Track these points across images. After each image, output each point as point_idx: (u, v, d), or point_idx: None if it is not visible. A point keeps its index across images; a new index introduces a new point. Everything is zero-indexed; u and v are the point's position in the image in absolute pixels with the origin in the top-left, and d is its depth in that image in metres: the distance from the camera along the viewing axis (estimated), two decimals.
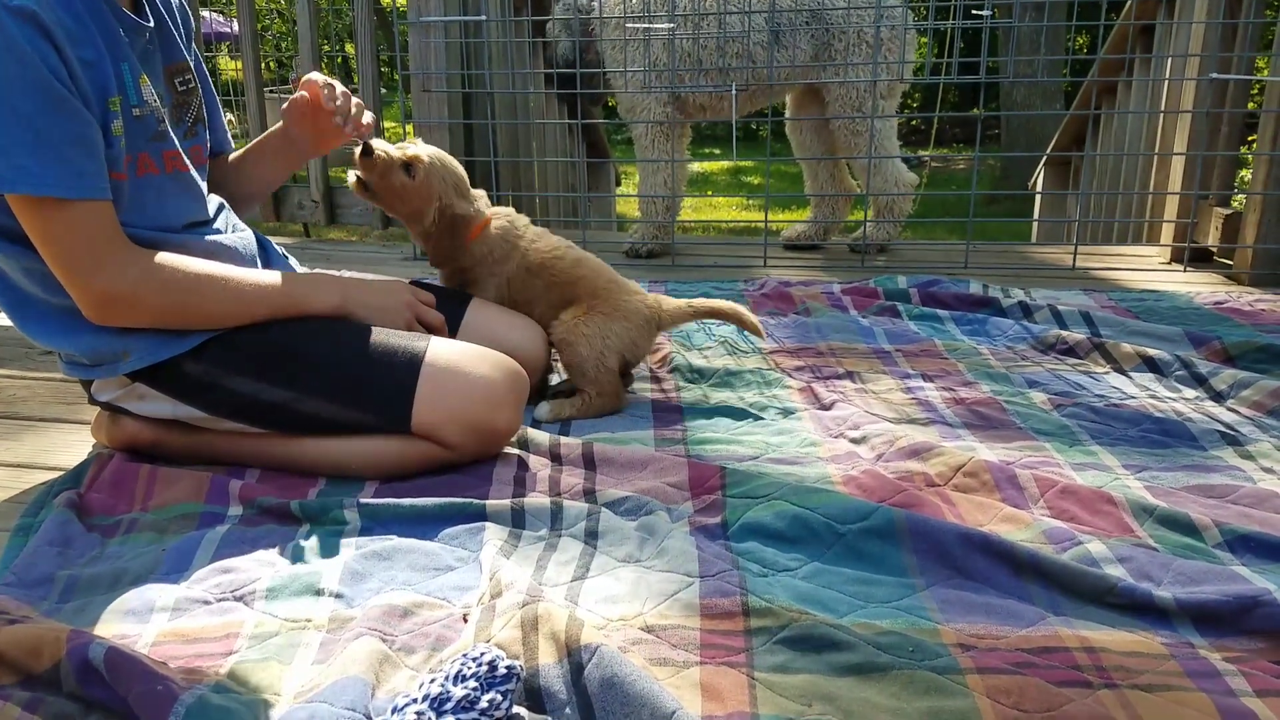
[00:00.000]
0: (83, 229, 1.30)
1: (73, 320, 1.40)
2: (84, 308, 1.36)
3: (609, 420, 1.74)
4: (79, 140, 1.28)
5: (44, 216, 1.28)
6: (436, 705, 0.89)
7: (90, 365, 1.45)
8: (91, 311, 1.37)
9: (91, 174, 1.30)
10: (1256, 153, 2.90)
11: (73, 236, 1.30)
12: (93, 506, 1.40)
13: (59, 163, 1.25)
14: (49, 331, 1.43)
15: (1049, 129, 6.90)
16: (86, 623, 1.11)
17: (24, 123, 1.22)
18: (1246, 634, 1.06)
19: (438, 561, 1.22)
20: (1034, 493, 1.38)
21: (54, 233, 1.29)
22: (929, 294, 2.55)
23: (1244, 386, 1.81)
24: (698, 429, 1.69)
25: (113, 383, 1.48)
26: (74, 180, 1.27)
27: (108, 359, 1.43)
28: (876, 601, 1.13)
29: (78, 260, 1.32)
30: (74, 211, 1.29)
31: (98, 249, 1.32)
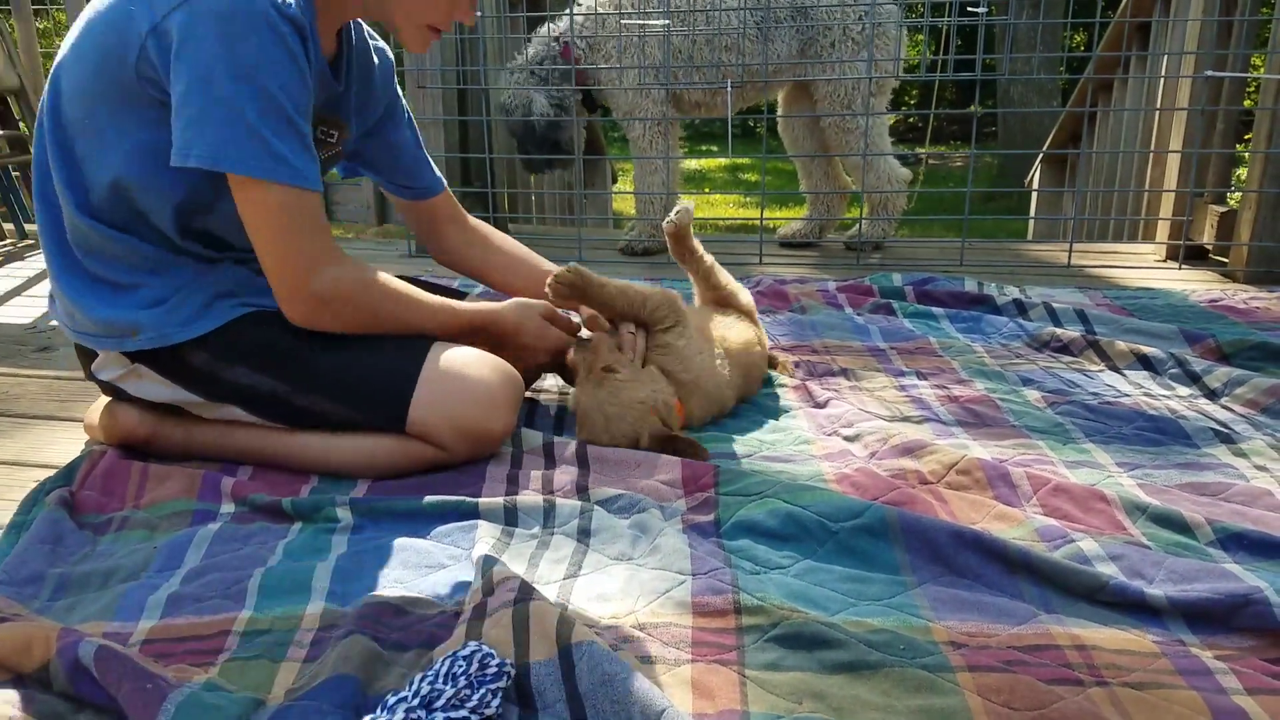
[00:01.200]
0: (312, 221, 1.36)
1: (98, 287, 1.43)
2: (291, 305, 1.40)
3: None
4: (310, 140, 1.36)
5: (283, 205, 1.32)
6: (427, 703, 0.89)
7: (99, 335, 1.44)
8: (299, 311, 1.40)
9: (317, 169, 1.36)
10: (1252, 150, 2.90)
11: (304, 227, 1.35)
12: (84, 504, 1.40)
13: (309, 159, 1.34)
14: (77, 290, 1.44)
15: (1046, 126, 6.91)
16: (77, 621, 1.11)
17: (286, 119, 1.29)
18: (1238, 632, 1.06)
19: (430, 559, 1.22)
20: (1027, 490, 1.38)
21: (289, 223, 1.33)
22: (924, 292, 2.55)
23: (1238, 384, 1.81)
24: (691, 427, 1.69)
25: (114, 361, 1.48)
26: (315, 176, 1.34)
27: (118, 332, 1.43)
28: (868, 599, 1.13)
29: (304, 253, 1.36)
30: (311, 204, 1.35)
31: (321, 243, 1.38)
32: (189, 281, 1.45)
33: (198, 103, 1.25)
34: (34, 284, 2.94)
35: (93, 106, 1.34)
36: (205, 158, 1.27)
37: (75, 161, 1.39)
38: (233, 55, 1.24)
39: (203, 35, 1.23)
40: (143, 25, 1.26)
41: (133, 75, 1.29)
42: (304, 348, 1.45)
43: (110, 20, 1.30)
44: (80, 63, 1.34)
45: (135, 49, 1.27)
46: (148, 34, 1.26)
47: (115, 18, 1.30)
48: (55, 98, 1.39)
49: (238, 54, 1.24)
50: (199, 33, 1.23)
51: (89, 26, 1.34)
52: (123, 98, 1.32)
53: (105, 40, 1.31)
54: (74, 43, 1.36)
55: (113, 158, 1.36)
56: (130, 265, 1.43)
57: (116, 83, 1.31)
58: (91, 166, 1.38)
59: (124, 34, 1.28)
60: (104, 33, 1.31)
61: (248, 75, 1.25)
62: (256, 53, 1.25)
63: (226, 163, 1.27)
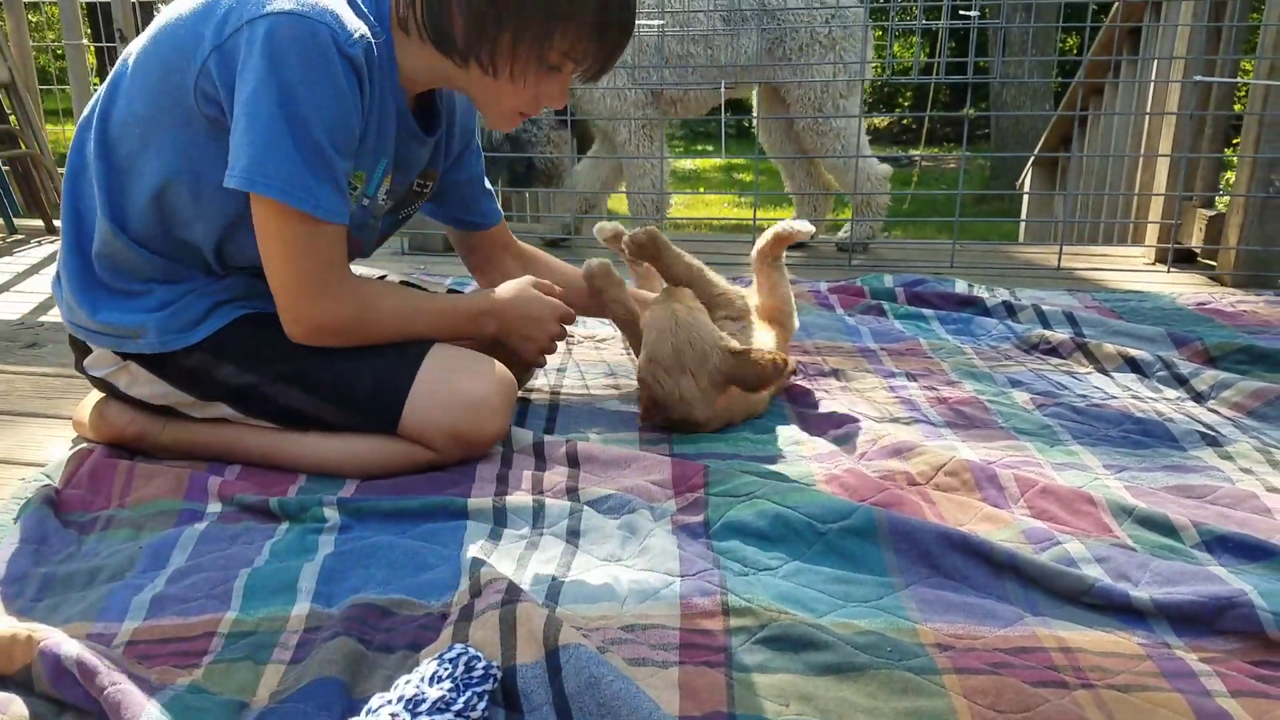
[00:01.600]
0: (325, 252, 1.36)
1: (108, 292, 1.43)
2: (293, 325, 1.40)
3: (593, 418, 1.73)
4: (343, 177, 1.35)
5: (297, 233, 1.33)
6: (411, 706, 0.88)
7: (101, 334, 1.44)
8: (299, 332, 1.41)
9: (343, 205, 1.36)
10: (1240, 155, 2.91)
11: (314, 257, 1.35)
12: (70, 503, 1.39)
13: (334, 194, 1.33)
14: (87, 292, 1.44)
15: (1038, 129, 6.92)
16: (61, 621, 1.10)
17: (317, 150, 1.29)
18: (1222, 634, 1.07)
19: (417, 560, 1.21)
20: (1014, 492, 1.39)
21: (300, 250, 1.34)
22: (914, 293, 2.55)
23: (1225, 387, 1.82)
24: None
25: (107, 358, 1.47)
26: (339, 207, 1.34)
27: (121, 333, 1.42)
28: (856, 601, 1.13)
29: (310, 281, 1.37)
30: (326, 236, 1.35)
31: (329, 275, 1.38)
32: (197, 288, 1.45)
33: (245, 122, 1.26)
34: (22, 279, 2.93)
35: (147, 118, 1.34)
36: (242, 178, 1.28)
37: (118, 169, 1.39)
38: (279, 79, 1.24)
39: (257, 53, 1.24)
40: (208, 43, 1.27)
41: (191, 92, 1.30)
42: (297, 349, 1.45)
43: (178, 36, 1.31)
44: (142, 73, 1.34)
45: (197, 65, 1.28)
46: (211, 52, 1.27)
47: (183, 35, 1.30)
48: (109, 104, 1.38)
49: (283, 78, 1.24)
50: (256, 52, 1.24)
51: (156, 41, 1.34)
52: (178, 113, 1.32)
53: (170, 56, 1.31)
54: (140, 54, 1.36)
55: (157, 170, 1.36)
56: (146, 276, 1.43)
57: (175, 96, 1.31)
58: (134, 176, 1.38)
59: (189, 51, 1.29)
60: (170, 47, 1.31)
61: (290, 100, 1.25)
62: (301, 81, 1.25)
63: (257, 184, 1.28)
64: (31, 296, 2.72)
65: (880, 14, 5.56)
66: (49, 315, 2.52)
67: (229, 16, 1.27)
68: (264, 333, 1.44)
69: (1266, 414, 1.72)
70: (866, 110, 16.06)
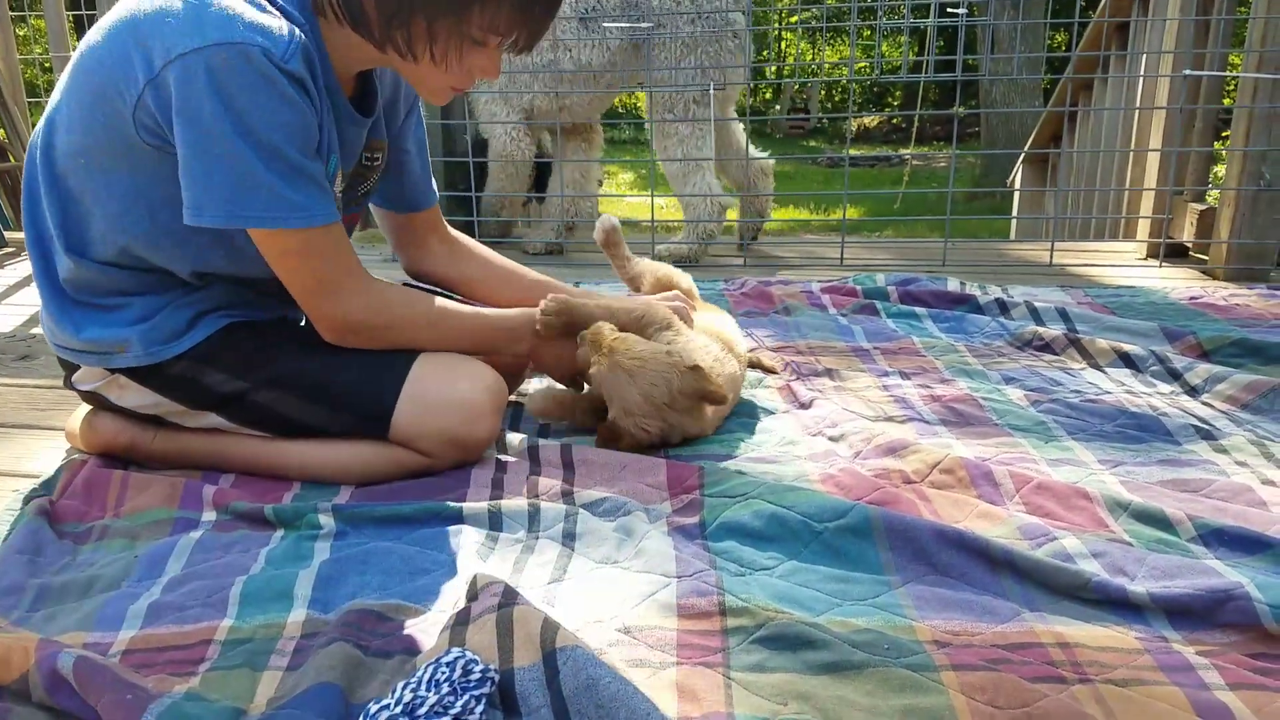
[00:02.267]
0: (330, 251, 1.37)
1: (85, 310, 1.42)
2: (319, 326, 1.42)
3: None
4: (321, 177, 1.35)
5: (298, 244, 1.34)
6: (410, 711, 0.88)
7: (85, 352, 1.43)
8: (325, 331, 1.43)
9: (330, 203, 1.36)
10: (1230, 148, 2.92)
11: (320, 260, 1.36)
12: (65, 513, 1.39)
13: (321, 195, 1.34)
14: (63, 312, 1.43)
15: (1028, 126, 6.94)
16: (56, 631, 1.10)
17: (288, 163, 1.29)
18: (1220, 628, 1.07)
19: (413, 565, 1.21)
20: (1009, 489, 1.39)
21: (306, 257, 1.35)
22: (907, 292, 2.55)
23: (1219, 381, 1.83)
24: None
25: (96, 373, 1.47)
26: (327, 207, 1.34)
27: (104, 349, 1.42)
28: (852, 599, 1.13)
29: (323, 282, 1.38)
30: (329, 238, 1.36)
31: (340, 272, 1.39)
32: (176, 298, 1.44)
33: (203, 161, 1.25)
34: (14, 292, 2.92)
35: (89, 147, 1.33)
36: (220, 215, 1.27)
37: (72, 198, 1.37)
38: (231, 111, 1.23)
39: (199, 92, 1.22)
40: (139, 75, 1.25)
41: (130, 122, 1.28)
42: (285, 355, 1.45)
43: (105, 63, 1.28)
44: (76, 103, 1.33)
45: (133, 98, 1.26)
46: (145, 85, 1.25)
47: (111, 62, 1.28)
48: (50, 134, 1.37)
49: (236, 109, 1.23)
50: (195, 90, 1.22)
51: (84, 70, 1.32)
52: (120, 142, 1.31)
53: (101, 86, 1.29)
54: (67, 83, 1.34)
55: (111, 198, 1.35)
56: (121, 290, 1.43)
57: (113, 127, 1.30)
58: (88, 205, 1.36)
59: (119, 81, 1.27)
60: (100, 77, 1.29)
61: (248, 129, 1.24)
62: (253, 106, 1.24)
63: (240, 219, 1.28)
64: (23, 309, 2.71)
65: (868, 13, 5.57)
66: (41, 328, 2.51)
67: (155, 48, 1.23)
68: (251, 340, 1.44)
69: (1261, 407, 1.73)
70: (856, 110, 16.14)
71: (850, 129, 7.02)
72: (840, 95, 17.35)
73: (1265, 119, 2.77)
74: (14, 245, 3.59)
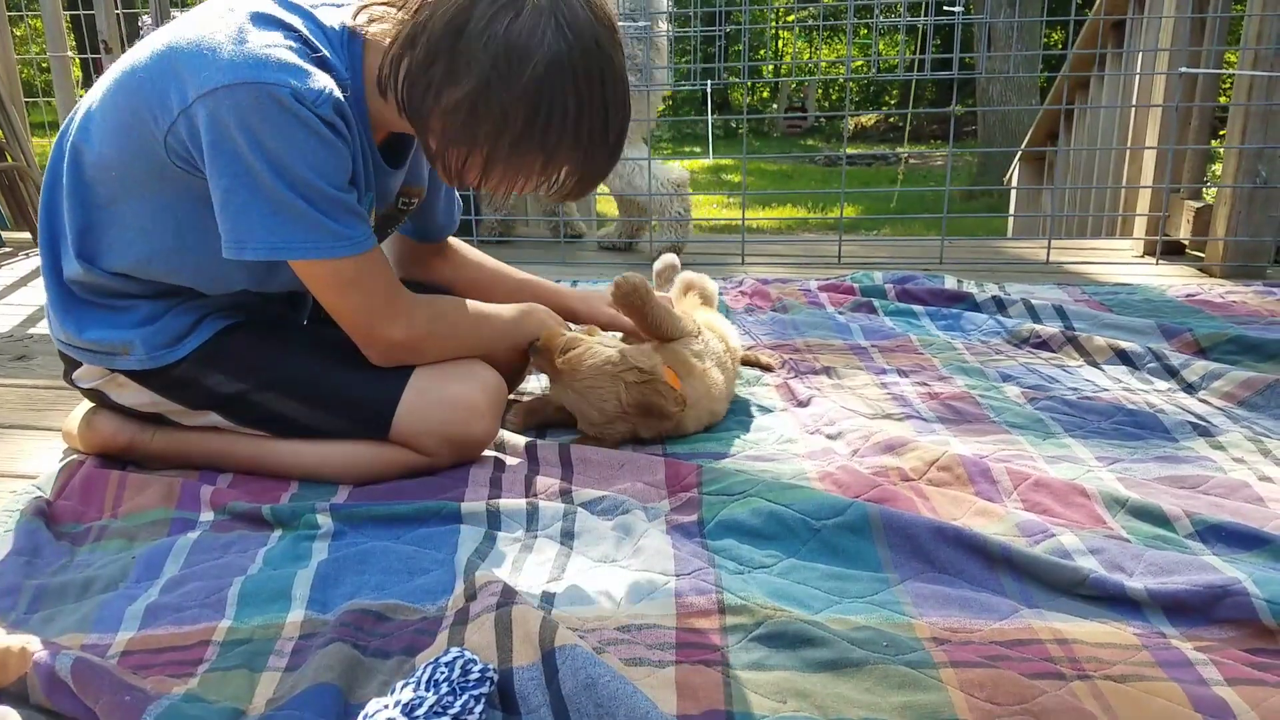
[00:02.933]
0: (377, 277, 1.38)
1: (93, 311, 1.42)
2: (369, 350, 1.43)
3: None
4: (357, 205, 1.36)
5: (345, 273, 1.34)
6: (408, 711, 0.88)
7: (90, 351, 1.43)
8: (375, 355, 1.44)
9: (369, 229, 1.37)
10: (1226, 146, 2.92)
11: (368, 286, 1.38)
12: (62, 514, 1.38)
13: (360, 223, 1.34)
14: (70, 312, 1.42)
15: (1025, 125, 6.95)
16: (55, 633, 1.09)
17: (325, 197, 1.29)
18: (1217, 623, 1.07)
19: (412, 565, 1.21)
20: (1007, 486, 1.39)
21: (354, 286, 1.36)
22: (904, 290, 2.56)
23: (1215, 378, 1.83)
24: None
25: (96, 370, 1.47)
26: (368, 234, 1.35)
27: (109, 350, 1.42)
28: (851, 597, 1.14)
29: (373, 308, 1.39)
30: (370, 263, 1.36)
31: (389, 296, 1.40)
32: (182, 302, 1.44)
33: (243, 197, 1.25)
34: (11, 292, 2.92)
35: (122, 162, 1.32)
36: (263, 249, 1.28)
37: (96, 206, 1.37)
38: (263, 149, 1.23)
39: (230, 132, 1.22)
40: (174, 104, 1.25)
41: (162, 146, 1.29)
42: (286, 356, 1.45)
43: (145, 86, 1.28)
44: (113, 118, 1.32)
45: (166, 124, 1.26)
46: (178, 115, 1.25)
47: (150, 87, 1.28)
48: (82, 139, 1.36)
49: (268, 148, 1.23)
50: (226, 130, 1.22)
51: (123, 88, 1.31)
52: (152, 162, 1.31)
53: (138, 107, 1.29)
54: (108, 95, 1.34)
55: (139, 214, 1.35)
56: (128, 294, 1.42)
57: (146, 148, 1.30)
58: (113, 216, 1.36)
59: (155, 106, 1.27)
60: (138, 99, 1.29)
61: (283, 167, 1.24)
62: (285, 145, 1.24)
63: (285, 251, 1.29)
64: (20, 309, 2.71)
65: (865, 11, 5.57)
66: (38, 328, 2.51)
67: (189, 79, 1.23)
68: (252, 341, 1.44)
69: (1257, 403, 1.73)
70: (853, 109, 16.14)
71: (847, 128, 7.02)
72: (837, 94, 17.36)
73: (1261, 116, 2.77)
74: (12, 245, 3.59)
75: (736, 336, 1.91)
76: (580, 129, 1.28)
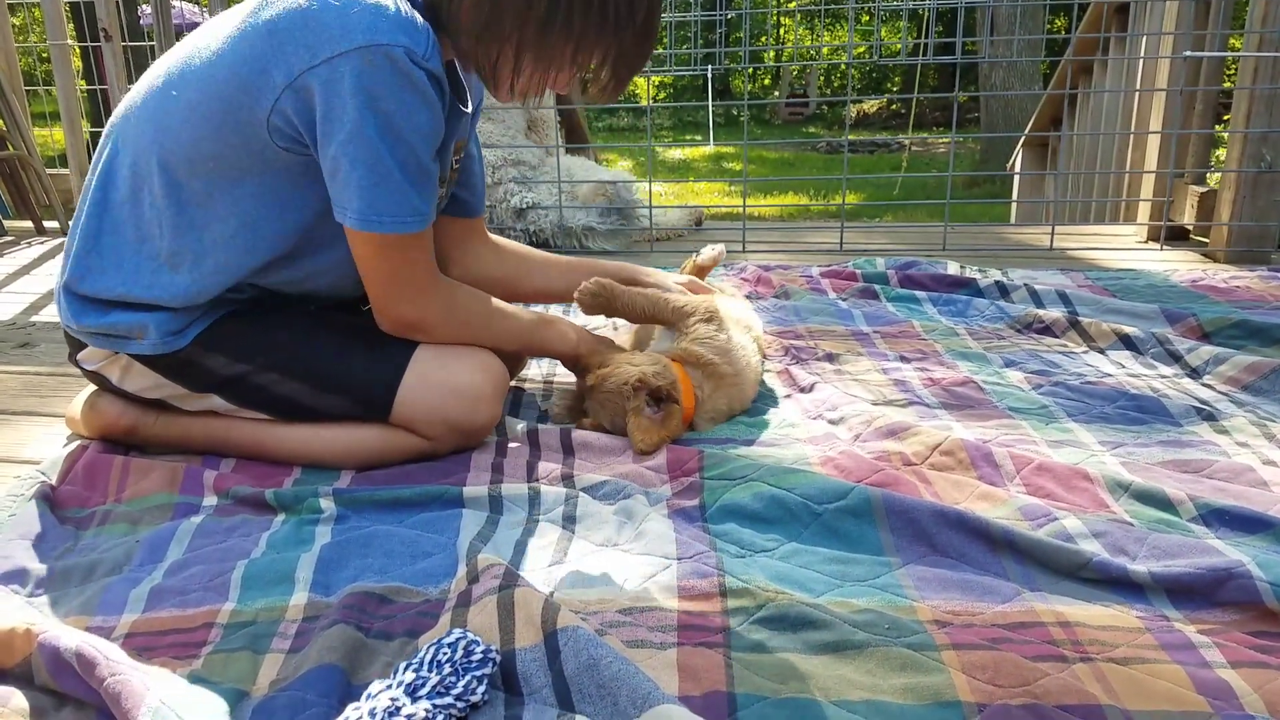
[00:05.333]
0: (422, 253, 1.40)
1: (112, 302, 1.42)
2: (383, 319, 1.44)
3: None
4: (436, 178, 1.39)
5: (401, 246, 1.35)
6: (411, 691, 0.88)
7: (101, 336, 1.42)
8: (389, 326, 1.44)
9: (434, 205, 1.40)
10: (1231, 130, 2.91)
11: (412, 261, 1.39)
12: (66, 499, 1.39)
13: (431, 196, 1.37)
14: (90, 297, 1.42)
15: (1028, 110, 6.92)
16: (59, 615, 1.10)
17: (419, 168, 1.32)
18: (1220, 606, 1.07)
19: (414, 548, 1.21)
20: (1010, 470, 1.39)
21: (401, 258, 1.37)
22: (907, 276, 2.55)
23: (1219, 362, 1.82)
24: None
25: (100, 352, 1.46)
26: (432, 211, 1.38)
27: (123, 334, 1.41)
28: (853, 580, 1.14)
29: (407, 282, 1.40)
30: (425, 239, 1.39)
31: (425, 274, 1.42)
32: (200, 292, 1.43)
33: (345, 165, 1.27)
34: (14, 280, 2.92)
35: (218, 155, 1.33)
36: (357, 220, 1.30)
37: (190, 203, 1.36)
38: (376, 113, 1.24)
39: (345, 95, 1.23)
40: (278, 80, 1.26)
41: (264, 127, 1.29)
42: (289, 339, 1.45)
43: (239, 74, 1.28)
44: (203, 112, 1.31)
45: (269, 104, 1.27)
46: (284, 90, 1.26)
47: (245, 73, 1.28)
48: (161, 138, 1.35)
49: (380, 111, 1.25)
50: (341, 93, 1.23)
51: (211, 78, 1.31)
52: (252, 149, 1.32)
53: (233, 94, 1.29)
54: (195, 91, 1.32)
55: (241, 200, 1.36)
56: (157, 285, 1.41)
57: (245, 135, 1.30)
58: (207, 211, 1.36)
59: (256, 89, 1.27)
60: (233, 85, 1.29)
61: (390, 131, 1.26)
62: (397, 108, 1.26)
63: (372, 224, 1.30)
64: (23, 297, 2.71)
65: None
66: (41, 315, 2.51)
67: (296, 51, 1.24)
68: (254, 324, 1.44)
69: (1261, 388, 1.73)
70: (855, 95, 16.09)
71: (849, 114, 7.00)
72: (839, 80, 17.30)
73: (1266, 100, 2.75)
74: (14, 234, 3.59)
75: (760, 324, 1.91)
76: (605, 8, 1.28)
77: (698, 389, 1.59)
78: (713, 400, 1.62)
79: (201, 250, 1.37)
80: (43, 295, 2.71)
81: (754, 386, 1.72)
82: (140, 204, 1.38)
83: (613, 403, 1.54)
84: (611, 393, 1.53)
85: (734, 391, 1.65)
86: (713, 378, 1.61)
